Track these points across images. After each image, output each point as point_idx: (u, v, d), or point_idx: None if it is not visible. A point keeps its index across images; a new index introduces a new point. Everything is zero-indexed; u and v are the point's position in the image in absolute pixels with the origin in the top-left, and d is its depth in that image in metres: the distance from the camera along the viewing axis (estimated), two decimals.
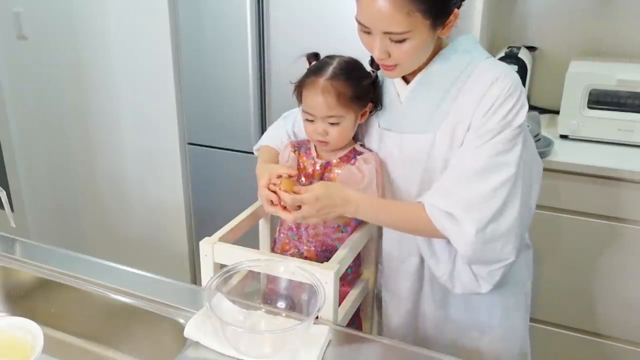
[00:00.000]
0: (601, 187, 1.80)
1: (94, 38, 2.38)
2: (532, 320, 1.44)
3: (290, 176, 1.17)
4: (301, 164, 1.33)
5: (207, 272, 1.23)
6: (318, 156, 1.32)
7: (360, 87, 1.23)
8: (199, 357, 1.06)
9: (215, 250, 1.22)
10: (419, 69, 1.20)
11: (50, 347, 1.08)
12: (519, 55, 2.04)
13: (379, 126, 1.28)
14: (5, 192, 1.37)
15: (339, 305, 1.21)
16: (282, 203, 1.15)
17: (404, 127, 1.23)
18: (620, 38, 2.13)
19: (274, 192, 1.16)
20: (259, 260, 1.17)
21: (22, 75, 2.62)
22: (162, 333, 1.17)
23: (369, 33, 1.11)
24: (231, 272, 1.14)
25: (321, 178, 1.30)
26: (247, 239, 1.36)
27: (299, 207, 1.14)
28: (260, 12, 2.02)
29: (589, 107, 1.94)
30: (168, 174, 2.43)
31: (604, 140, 1.95)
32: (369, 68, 1.27)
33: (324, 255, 1.32)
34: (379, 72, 1.28)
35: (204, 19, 2.10)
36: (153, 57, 2.29)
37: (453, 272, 1.24)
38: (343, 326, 1.16)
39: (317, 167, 1.31)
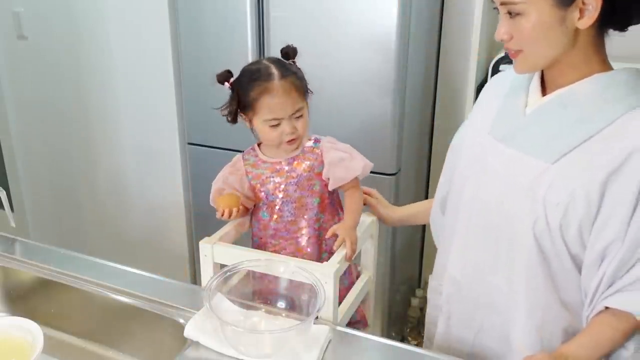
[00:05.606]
0: None
1: (94, 38, 2.38)
2: None
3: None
4: (254, 175, 1.34)
5: (207, 272, 1.23)
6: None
7: (303, 78, 1.27)
8: (199, 357, 1.06)
9: (215, 250, 1.22)
10: (563, 86, 1.04)
11: (50, 347, 1.08)
12: None
13: (487, 134, 1.12)
14: (5, 192, 1.37)
15: (339, 305, 1.21)
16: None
17: (519, 143, 1.06)
18: (619, 39, 2.13)
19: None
20: (259, 260, 1.17)
21: (22, 75, 2.62)
22: (162, 333, 1.17)
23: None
24: (231, 272, 1.14)
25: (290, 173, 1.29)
26: (247, 239, 1.37)
27: None
28: (260, 12, 2.01)
29: None
30: (168, 174, 2.43)
31: None
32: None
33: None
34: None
35: (204, 19, 2.10)
36: (153, 57, 2.29)
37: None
38: (343, 326, 1.16)
39: (284, 165, 1.30)
